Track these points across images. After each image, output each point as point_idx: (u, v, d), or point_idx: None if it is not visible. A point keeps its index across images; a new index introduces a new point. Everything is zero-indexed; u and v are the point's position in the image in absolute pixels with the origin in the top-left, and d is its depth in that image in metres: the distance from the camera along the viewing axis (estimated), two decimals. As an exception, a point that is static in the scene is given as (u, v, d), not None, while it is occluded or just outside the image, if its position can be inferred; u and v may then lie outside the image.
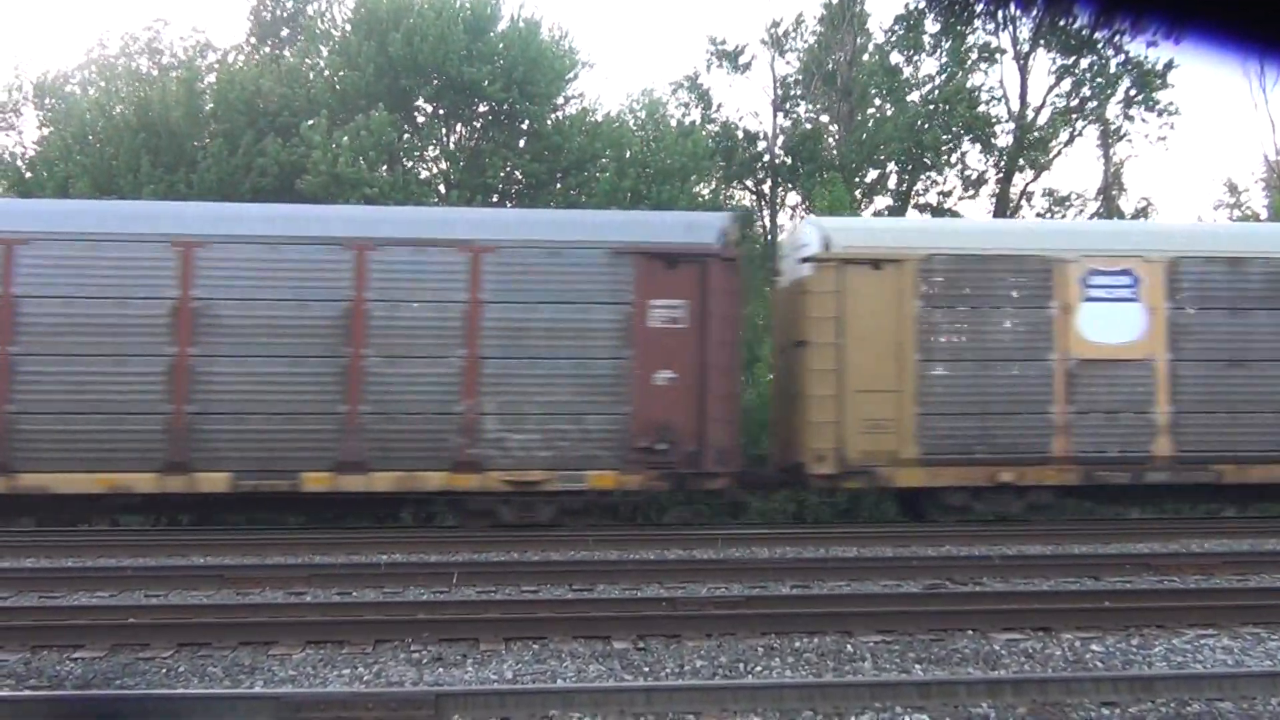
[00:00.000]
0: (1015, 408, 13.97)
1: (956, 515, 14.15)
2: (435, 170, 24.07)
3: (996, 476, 13.93)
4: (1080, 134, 28.88)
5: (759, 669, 7.21)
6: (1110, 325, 14.14)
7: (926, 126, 27.07)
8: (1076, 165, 53.14)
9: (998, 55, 28.28)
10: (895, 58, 28.67)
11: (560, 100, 24.11)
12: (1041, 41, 28.02)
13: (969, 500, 14.17)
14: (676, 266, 13.61)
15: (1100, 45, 27.40)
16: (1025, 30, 28.09)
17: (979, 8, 27.91)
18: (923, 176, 28.51)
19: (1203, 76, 56.11)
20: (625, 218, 16.01)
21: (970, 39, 28.26)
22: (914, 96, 28.10)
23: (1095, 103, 28.09)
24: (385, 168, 21.74)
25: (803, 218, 22.67)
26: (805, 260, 14.28)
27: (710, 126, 28.04)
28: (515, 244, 13.56)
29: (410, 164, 23.40)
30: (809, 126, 28.89)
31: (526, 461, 13.29)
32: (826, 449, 13.77)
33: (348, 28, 23.69)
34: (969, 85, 27.49)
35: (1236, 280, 14.37)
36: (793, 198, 28.77)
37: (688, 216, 15.66)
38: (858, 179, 27.67)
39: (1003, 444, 13.94)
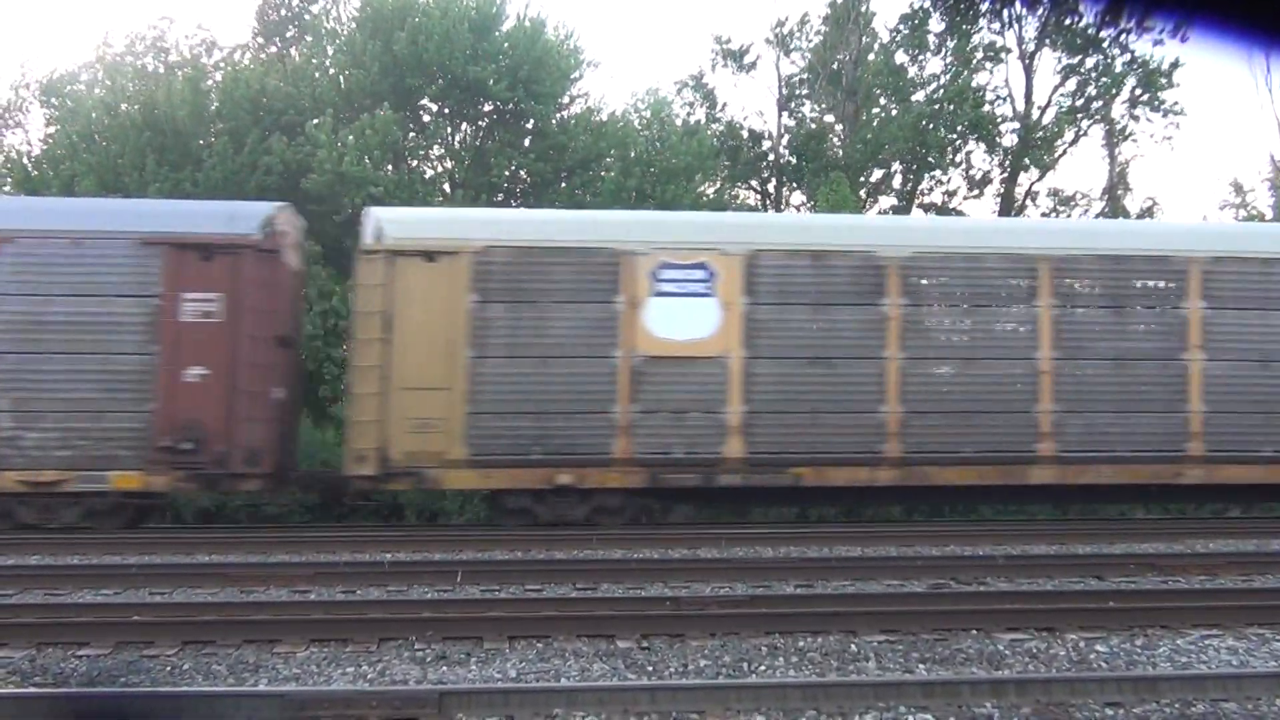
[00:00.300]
0: (576, 407, 13.37)
1: (519, 520, 13.49)
2: (440, 169, 24.12)
3: (554, 479, 13.29)
4: (1085, 134, 28.92)
5: (763, 668, 7.21)
6: (681, 321, 13.53)
7: (931, 126, 27.06)
8: (1082, 165, 52.95)
9: (1003, 55, 28.30)
10: (900, 57, 28.70)
11: (565, 100, 24.16)
12: (1047, 41, 28.02)
13: (530, 503, 13.48)
14: (212, 258, 13.17)
15: (1106, 44, 27.42)
16: (1030, 29, 28.13)
17: (984, 7, 27.93)
18: (927, 176, 28.51)
19: (1208, 76, 56.06)
20: (158, 207, 15.54)
21: (975, 38, 28.28)
22: (919, 96, 28.10)
23: (1100, 102, 28.08)
24: (390, 167, 21.77)
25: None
26: (361, 252, 13.72)
27: (715, 126, 28.07)
28: (35, 234, 13.20)
29: (415, 163, 23.44)
30: (814, 126, 28.91)
31: (43, 461, 12.86)
32: (368, 449, 13.09)
33: (353, 26, 23.73)
34: (973, 85, 27.47)
35: (820, 275, 13.76)
36: (797, 197, 28.81)
37: (232, 206, 14.64)
38: (862, 178, 27.68)
39: (561, 445, 13.34)
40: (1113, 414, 13.85)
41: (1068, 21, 27.59)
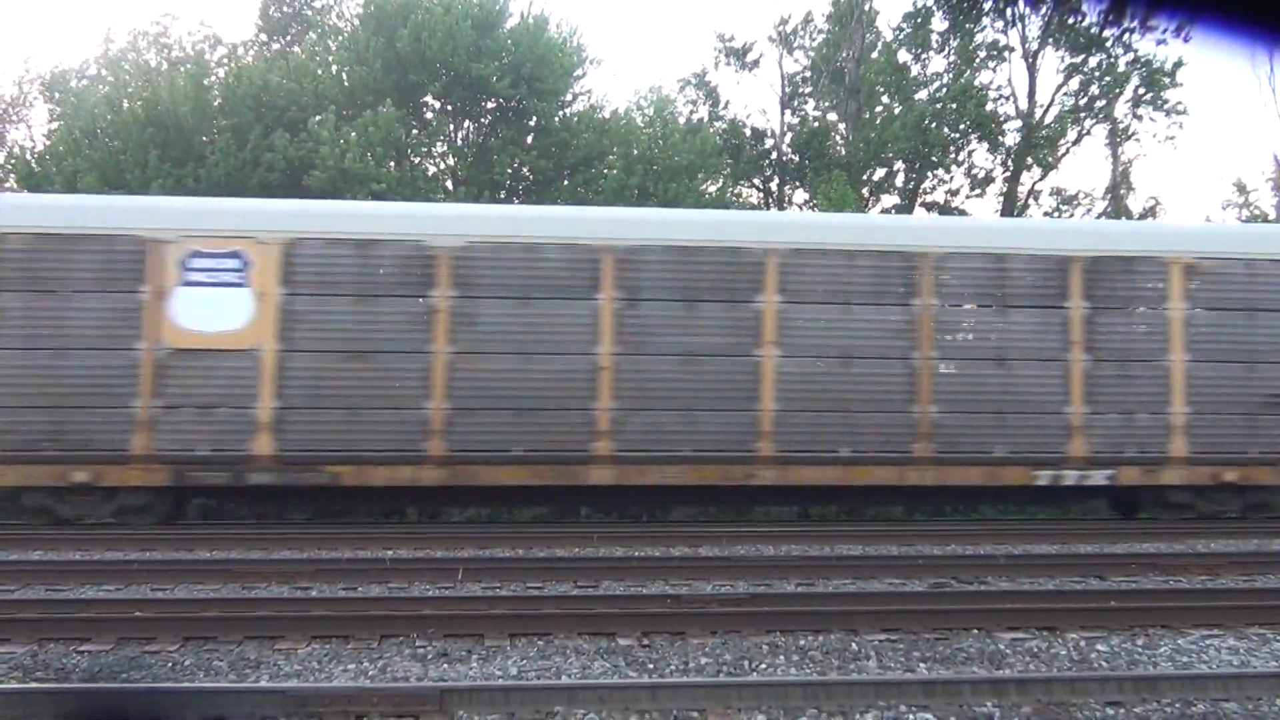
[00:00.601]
0: (93, 401, 12.79)
1: (43, 519, 13.01)
2: (443, 166, 24.14)
3: (70, 476, 12.77)
4: (1089, 133, 28.94)
5: (763, 667, 7.21)
6: (211, 312, 13.01)
7: (933, 125, 27.06)
8: (1085, 164, 52.90)
9: (1006, 53, 28.29)
10: (903, 56, 28.69)
11: (568, 97, 24.17)
12: (1050, 40, 28.01)
13: (51, 502, 12.99)
14: None
15: (1109, 44, 27.42)
16: (1034, 28, 28.13)
17: (987, 6, 27.93)
18: (930, 175, 28.52)
19: (1212, 75, 55.99)
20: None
21: (978, 37, 28.29)
22: (921, 95, 28.11)
23: (1104, 101, 28.07)
24: (393, 164, 21.79)
25: None
26: None
27: (718, 124, 28.08)
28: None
29: (418, 160, 23.46)
30: (816, 124, 28.91)
31: None
32: None
33: (356, 23, 23.75)
34: (976, 84, 27.47)
35: (364, 265, 13.22)
36: (800, 195, 28.81)
37: None
38: (865, 177, 27.69)
39: (76, 440, 12.77)
40: (678, 412, 13.43)
41: (1071, 21, 27.60)
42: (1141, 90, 28.01)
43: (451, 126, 23.86)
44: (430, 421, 13.16)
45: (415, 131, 23.29)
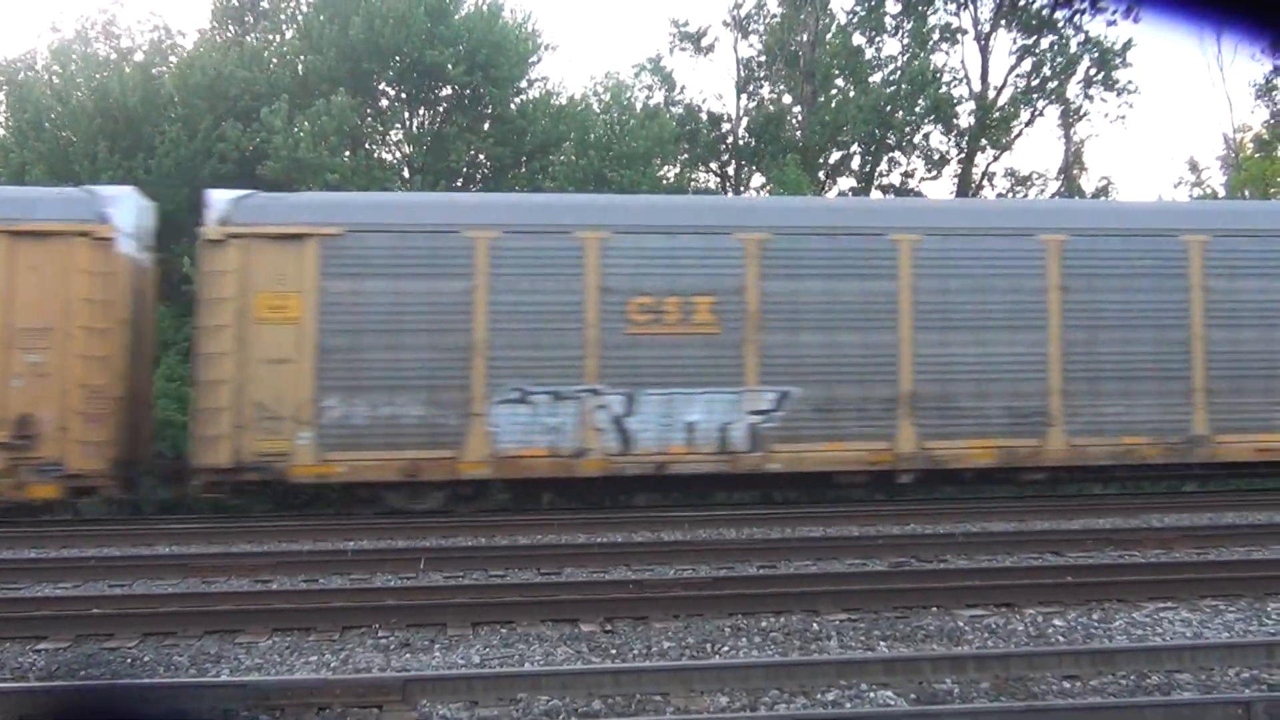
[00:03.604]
0: None
1: None
2: (399, 155, 23.95)
3: None
4: (1041, 114, 29.16)
5: (726, 649, 7.26)
6: None
7: (889, 108, 27.18)
8: (1038, 145, 53.35)
9: (959, 35, 28.46)
10: (857, 39, 28.77)
11: (524, 84, 24.05)
12: (1002, 22, 28.20)
13: None
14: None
15: (1060, 25, 27.64)
16: (986, 10, 28.31)
17: (940, -12, 28.07)
18: (885, 158, 28.66)
19: (1162, 56, 56.57)
20: None
21: (931, 19, 28.42)
22: (876, 78, 28.23)
23: (1056, 82, 28.30)
24: (348, 153, 21.59)
25: None
26: None
27: (674, 109, 28.04)
28: None
29: (373, 148, 23.27)
30: (772, 108, 28.93)
31: None
32: None
33: (309, 10, 23.48)
34: (930, 67, 27.60)
35: None
36: (758, 179, 28.84)
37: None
38: (821, 160, 27.77)
39: None
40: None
41: (1022, 2, 27.80)
42: (1093, 71, 28.27)
43: (407, 114, 23.68)
44: None
45: (370, 120, 23.08)
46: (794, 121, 28.55)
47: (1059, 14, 27.41)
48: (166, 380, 17.04)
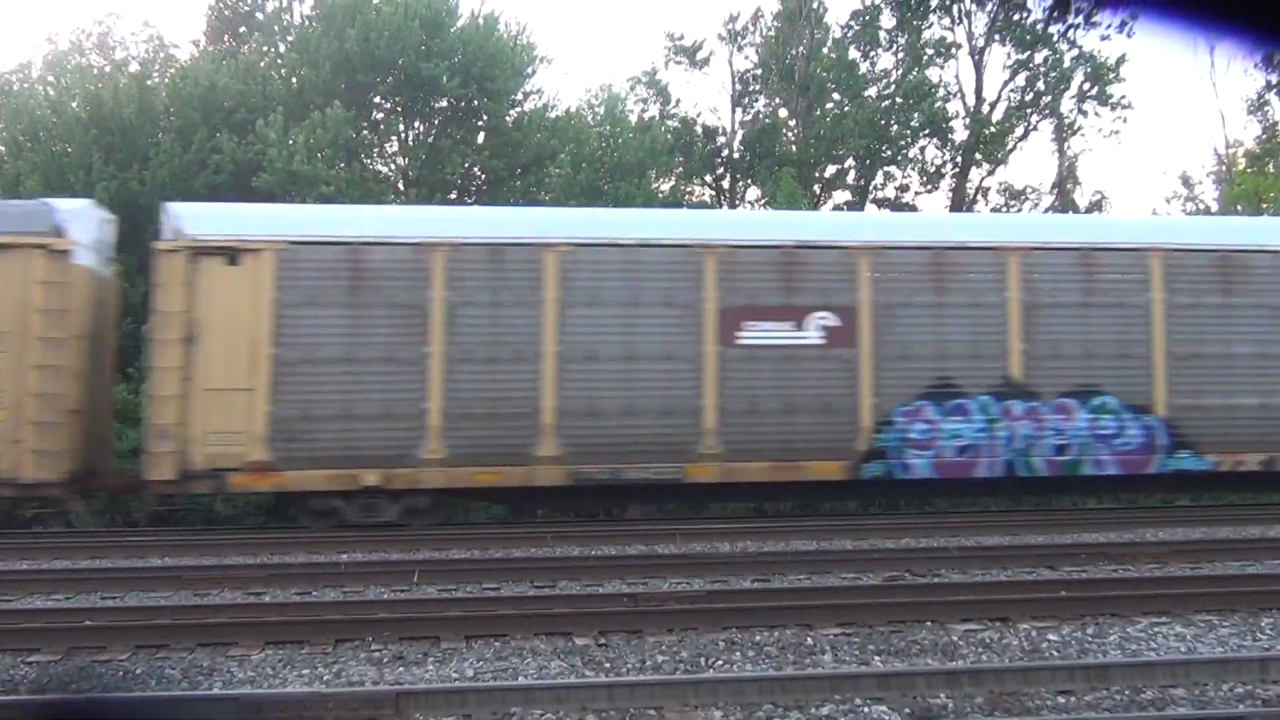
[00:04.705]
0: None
1: None
2: (394, 167, 23.98)
3: None
4: (1035, 128, 29.26)
5: (720, 663, 7.24)
6: None
7: (884, 122, 27.28)
8: (1033, 160, 53.52)
9: (953, 50, 28.56)
10: (853, 53, 28.86)
11: (519, 96, 24.11)
12: (996, 36, 28.31)
13: None
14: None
15: (1054, 40, 27.75)
16: (980, 25, 28.43)
17: (934, 3, 28.17)
18: (880, 171, 28.73)
19: (1155, 71, 56.73)
20: None
21: (926, 34, 28.52)
22: (871, 92, 28.31)
23: (1050, 97, 28.41)
24: (342, 165, 21.61)
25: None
26: None
27: (669, 122, 28.11)
28: None
29: (368, 161, 23.29)
30: (767, 121, 29.00)
31: None
32: None
33: (305, 22, 23.53)
34: (925, 81, 27.71)
35: None
36: (753, 193, 28.89)
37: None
38: (816, 174, 27.85)
39: None
40: None
41: (1017, 17, 27.92)
42: (1086, 85, 28.39)
43: (402, 127, 23.72)
44: None
45: (365, 132, 23.11)
46: (789, 135, 28.62)
47: (1053, 29, 27.55)
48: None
